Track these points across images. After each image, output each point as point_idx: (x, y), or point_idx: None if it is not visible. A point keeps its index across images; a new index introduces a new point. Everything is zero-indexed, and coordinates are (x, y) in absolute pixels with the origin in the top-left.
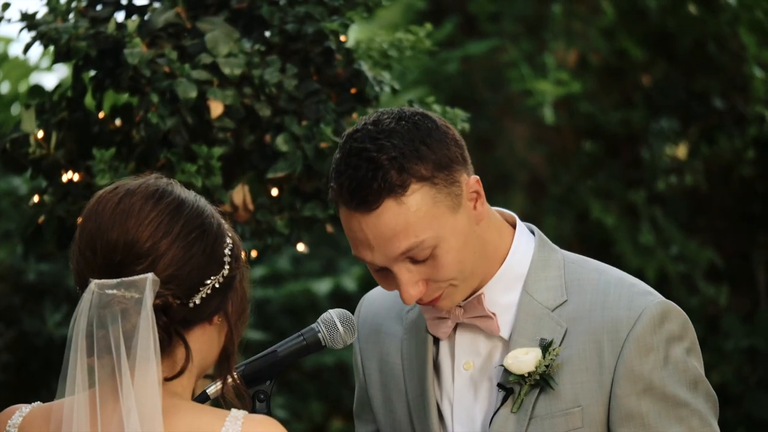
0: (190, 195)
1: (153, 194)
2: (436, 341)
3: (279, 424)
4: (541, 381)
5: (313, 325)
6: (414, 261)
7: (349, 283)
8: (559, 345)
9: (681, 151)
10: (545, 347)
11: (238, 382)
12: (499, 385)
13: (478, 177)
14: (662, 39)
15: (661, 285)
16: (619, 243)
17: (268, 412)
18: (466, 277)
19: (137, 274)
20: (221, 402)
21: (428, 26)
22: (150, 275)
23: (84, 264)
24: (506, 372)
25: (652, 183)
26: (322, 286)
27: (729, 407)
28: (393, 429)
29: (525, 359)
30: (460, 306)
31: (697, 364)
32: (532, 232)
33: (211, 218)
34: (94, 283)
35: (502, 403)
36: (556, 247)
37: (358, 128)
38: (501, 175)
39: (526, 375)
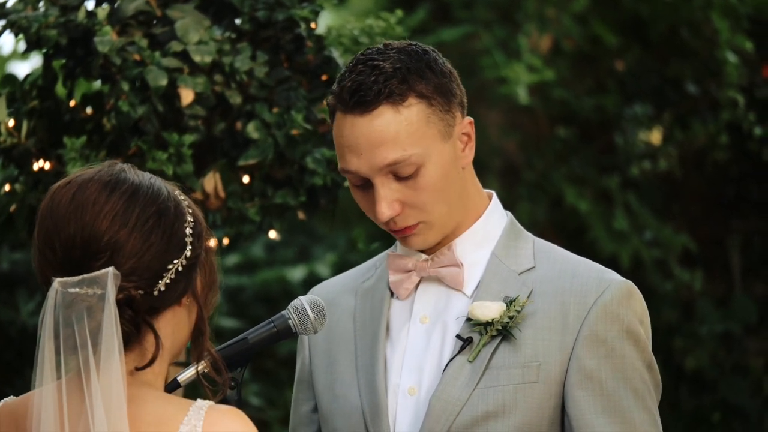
0: (144, 178)
1: (106, 185)
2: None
3: (243, 415)
4: (503, 331)
5: (284, 312)
6: (397, 178)
7: (324, 270)
8: (525, 299)
9: (655, 136)
10: (510, 301)
11: (216, 358)
12: (458, 336)
13: (472, 119)
14: (636, 25)
15: (636, 270)
16: (593, 229)
17: (240, 399)
18: (442, 214)
19: (98, 269)
20: (199, 383)
21: (399, 13)
22: (111, 269)
23: (44, 262)
24: (467, 321)
25: (626, 168)
26: (297, 274)
27: (704, 393)
28: (332, 391)
29: (490, 306)
30: (427, 259)
31: (651, 351)
32: (506, 214)
33: (167, 201)
34: (56, 282)
35: (458, 352)
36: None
37: (370, 47)
38: (475, 161)
39: (489, 321)
